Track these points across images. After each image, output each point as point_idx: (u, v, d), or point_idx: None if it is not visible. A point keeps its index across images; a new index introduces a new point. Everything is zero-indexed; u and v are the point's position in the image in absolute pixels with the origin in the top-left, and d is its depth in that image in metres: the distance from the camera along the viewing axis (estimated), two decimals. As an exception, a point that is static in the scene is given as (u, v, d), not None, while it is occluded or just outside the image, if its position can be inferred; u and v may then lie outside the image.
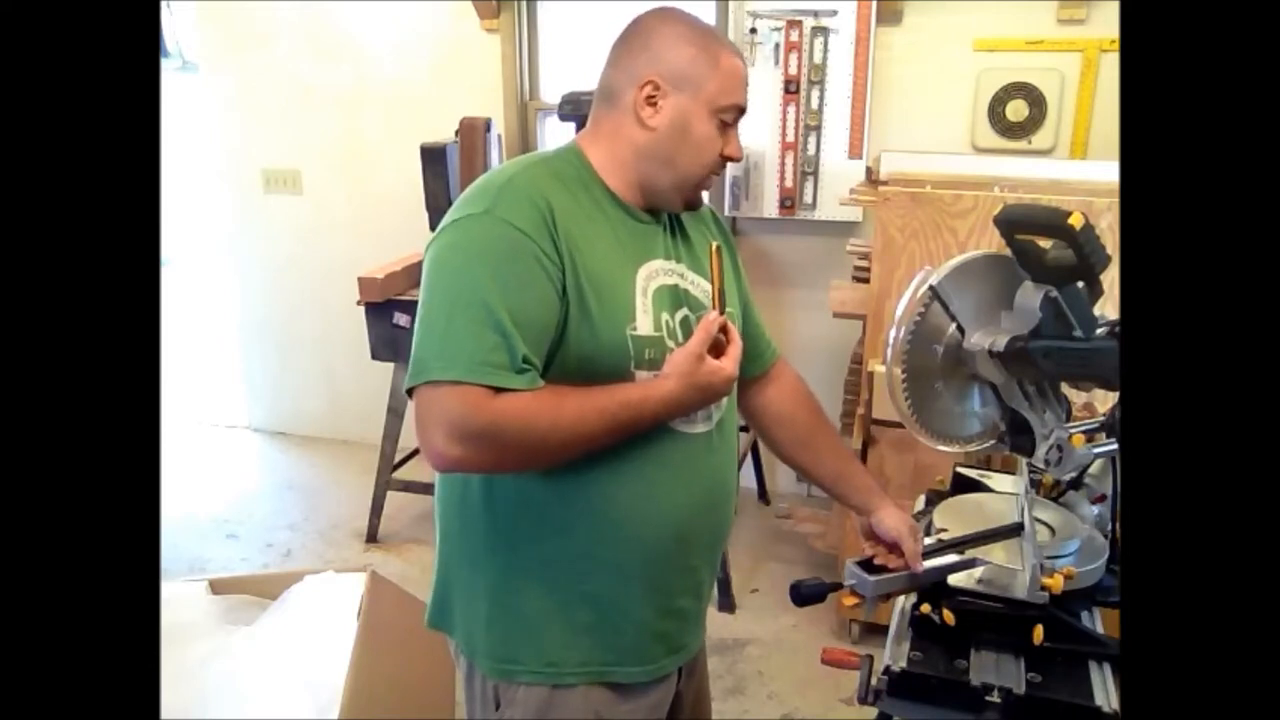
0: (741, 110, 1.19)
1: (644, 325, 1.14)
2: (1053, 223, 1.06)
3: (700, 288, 1.23)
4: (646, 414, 1.11)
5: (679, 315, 1.19)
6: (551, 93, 3.43)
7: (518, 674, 1.19)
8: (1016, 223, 1.13)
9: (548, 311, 1.08)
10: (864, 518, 1.34)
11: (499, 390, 1.04)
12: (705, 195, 1.25)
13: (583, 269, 1.10)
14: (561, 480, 1.13)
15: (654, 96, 1.15)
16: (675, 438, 1.17)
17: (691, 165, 1.18)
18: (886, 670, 1.14)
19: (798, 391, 1.42)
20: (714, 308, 1.15)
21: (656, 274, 1.19)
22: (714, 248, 1.17)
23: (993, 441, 1.26)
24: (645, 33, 1.17)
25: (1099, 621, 1.24)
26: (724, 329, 1.13)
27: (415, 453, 3.35)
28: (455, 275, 1.08)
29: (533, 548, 1.18)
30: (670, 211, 1.23)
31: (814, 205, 3.13)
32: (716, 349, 1.12)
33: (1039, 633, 1.13)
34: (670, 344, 1.16)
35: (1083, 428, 1.22)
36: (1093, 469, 1.34)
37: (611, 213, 1.17)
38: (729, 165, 1.28)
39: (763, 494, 3.44)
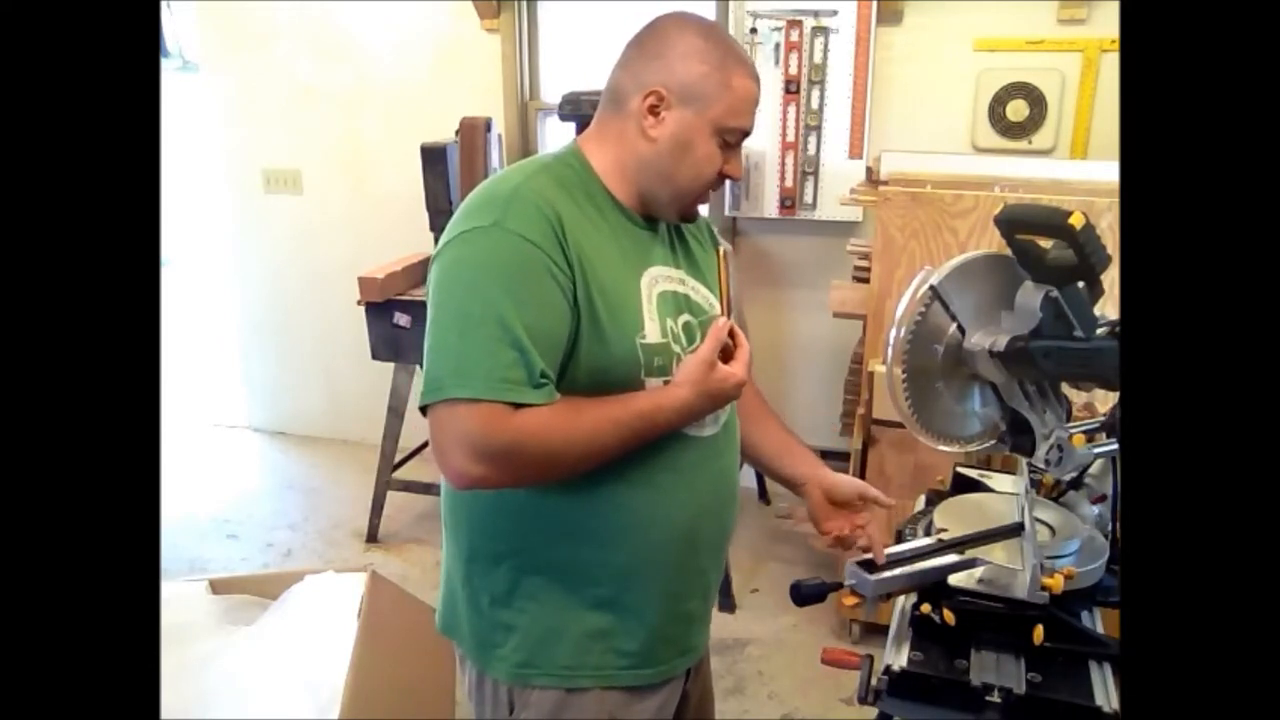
0: (746, 133, 1.17)
1: (652, 333, 1.14)
2: (1053, 222, 1.06)
3: (700, 293, 1.23)
4: (660, 423, 1.11)
5: (681, 320, 1.19)
6: (551, 93, 3.43)
7: (532, 677, 1.19)
8: (1017, 222, 1.13)
9: (561, 324, 1.08)
10: (813, 486, 1.32)
11: (517, 406, 1.04)
12: (703, 209, 1.24)
13: (593, 279, 1.09)
14: (571, 485, 1.13)
15: (657, 107, 1.13)
16: (684, 442, 1.17)
17: (689, 181, 1.16)
18: (887, 670, 1.14)
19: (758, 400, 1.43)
20: (722, 313, 1.14)
21: (658, 280, 1.18)
22: (721, 254, 1.17)
23: (993, 441, 1.25)
24: (660, 39, 1.15)
25: (1099, 621, 1.24)
26: (732, 333, 1.13)
27: (415, 453, 3.35)
28: (467, 291, 1.07)
29: (542, 553, 1.18)
30: (666, 221, 1.22)
31: (814, 205, 3.13)
32: (725, 354, 1.12)
33: (1039, 633, 1.13)
34: (675, 349, 1.16)
35: (1083, 428, 1.22)
36: (1093, 469, 1.33)
37: (614, 219, 1.17)
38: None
39: (763, 494, 3.44)
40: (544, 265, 1.06)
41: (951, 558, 1.22)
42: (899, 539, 1.31)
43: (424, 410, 1.07)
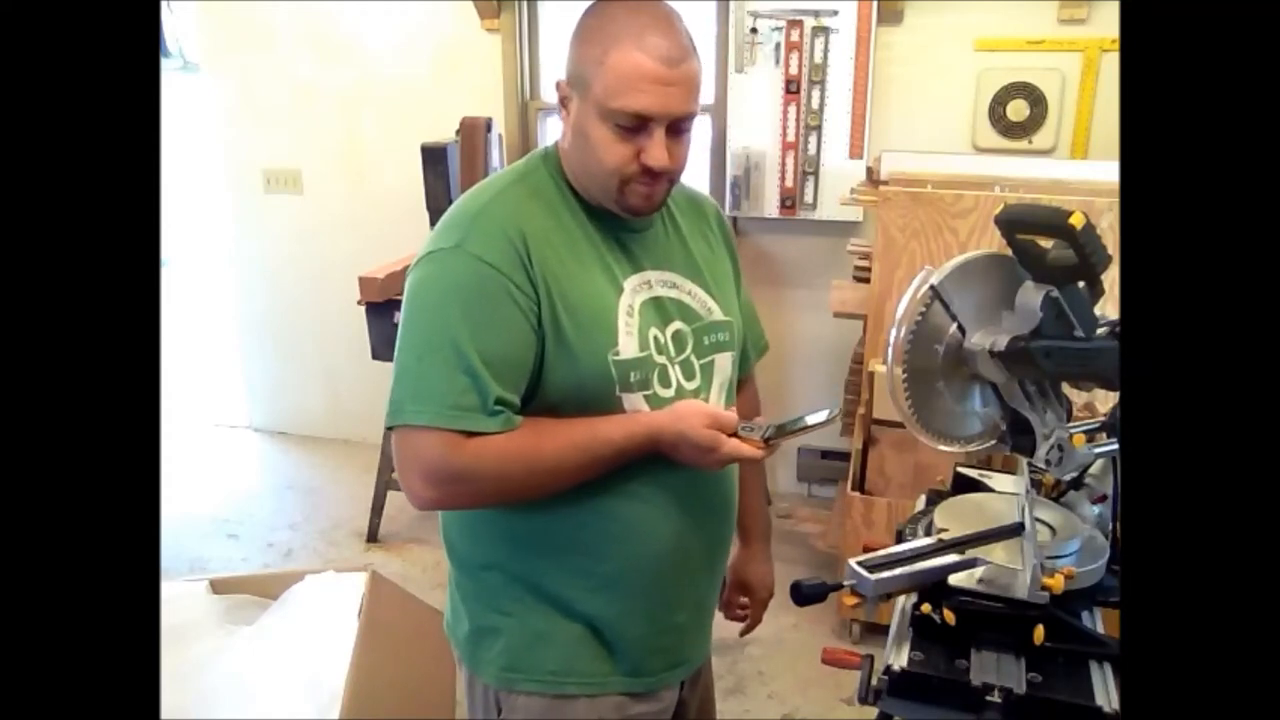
0: (641, 117, 1.04)
1: (628, 347, 1.11)
2: (1053, 222, 1.06)
3: (697, 297, 1.20)
4: (629, 450, 1.09)
5: (670, 329, 1.16)
6: (552, 93, 3.42)
7: (518, 683, 1.19)
8: (1017, 222, 1.13)
9: (522, 348, 1.07)
10: (737, 568, 1.43)
11: (471, 434, 1.04)
12: (647, 199, 1.11)
13: (559, 298, 1.07)
14: (559, 497, 1.12)
15: (565, 99, 1.11)
16: None
17: (598, 172, 1.09)
18: (887, 670, 1.14)
19: (752, 411, 1.40)
20: (765, 447, 1.10)
21: (645, 287, 1.15)
22: (827, 418, 1.12)
23: (993, 441, 1.25)
24: (574, 28, 1.11)
25: (1099, 621, 1.24)
26: (755, 446, 1.09)
27: (416, 453, 3.35)
28: (426, 314, 1.07)
29: (527, 562, 1.17)
30: (622, 215, 1.14)
31: (814, 205, 3.13)
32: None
33: (1039, 633, 1.13)
34: (660, 359, 1.14)
35: (1083, 428, 1.22)
36: (1093, 469, 1.33)
37: (592, 227, 1.14)
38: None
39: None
40: (503, 288, 1.05)
41: (951, 558, 1.21)
42: (899, 539, 1.31)
43: (390, 430, 1.08)
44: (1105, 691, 1.09)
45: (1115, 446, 1.25)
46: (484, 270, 1.05)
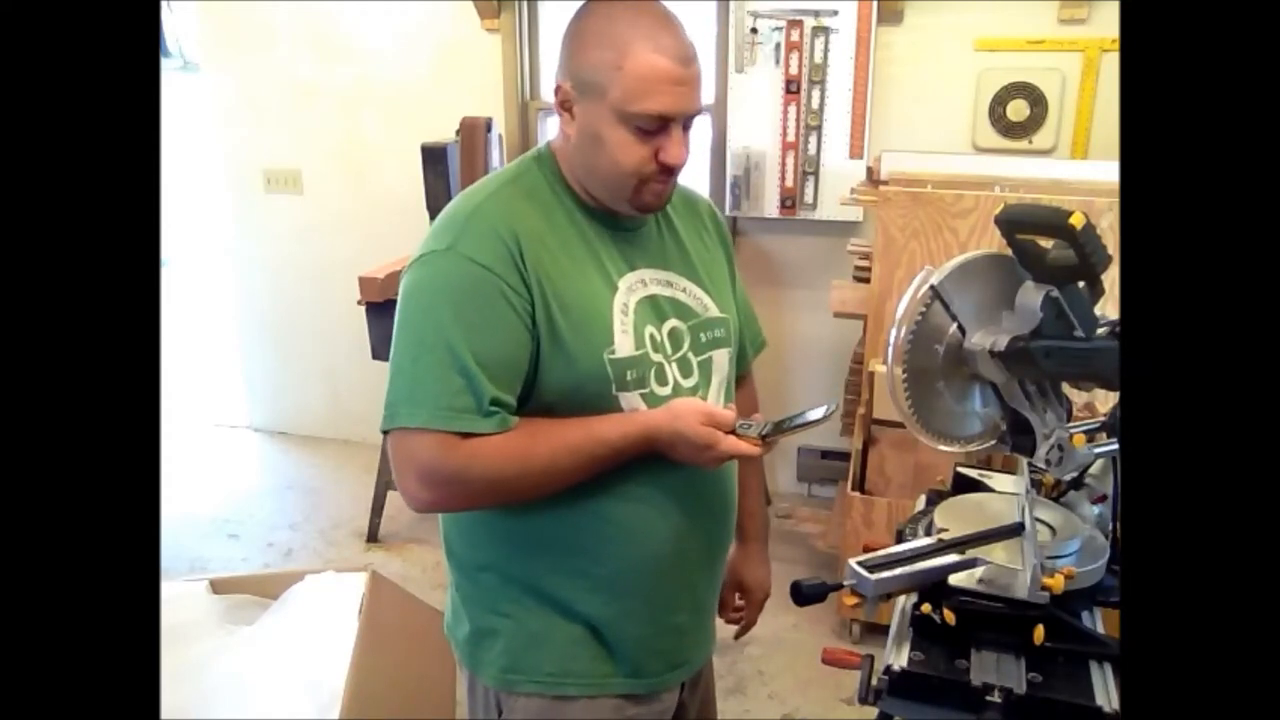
0: (663, 118, 1.05)
1: (624, 346, 1.11)
2: (1053, 222, 1.06)
3: (692, 294, 1.20)
4: (625, 449, 1.09)
5: (667, 327, 1.16)
6: (552, 93, 3.42)
7: (518, 684, 1.19)
8: (1017, 222, 1.13)
9: (517, 348, 1.06)
10: (733, 567, 1.41)
11: (466, 435, 1.04)
12: (660, 196, 1.13)
13: (553, 298, 1.07)
14: (557, 498, 1.12)
15: (566, 103, 1.10)
16: None
17: (613, 174, 1.09)
18: (887, 670, 1.14)
19: (751, 409, 1.40)
20: (762, 444, 1.10)
21: (640, 285, 1.15)
22: (826, 414, 1.12)
23: (993, 441, 1.25)
24: (571, 31, 1.10)
25: (1099, 621, 1.24)
26: (752, 444, 1.09)
27: (416, 453, 3.35)
28: (420, 316, 1.07)
29: (525, 563, 1.17)
30: (625, 214, 1.15)
31: (815, 205, 3.13)
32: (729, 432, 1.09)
33: (1039, 633, 1.13)
34: (656, 357, 1.14)
35: (1083, 428, 1.22)
36: (1093, 469, 1.33)
37: (587, 226, 1.14)
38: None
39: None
40: (497, 289, 1.05)
41: (952, 558, 1.21)
42: (899, 539, 1.31)
43: (385, 433, 1.08)
44: (1105, 691, 1.09)
45: (1115, 446, 1.25)
46: (477, 271, 1.05)
